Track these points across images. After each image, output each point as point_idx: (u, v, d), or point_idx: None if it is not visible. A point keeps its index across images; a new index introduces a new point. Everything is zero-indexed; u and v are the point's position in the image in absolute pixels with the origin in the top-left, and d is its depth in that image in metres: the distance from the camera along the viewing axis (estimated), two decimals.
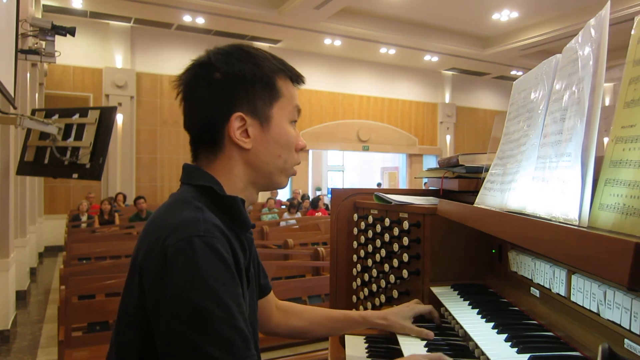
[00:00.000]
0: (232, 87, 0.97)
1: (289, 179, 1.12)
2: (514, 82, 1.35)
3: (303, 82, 1.08)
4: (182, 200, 0.93)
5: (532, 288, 1.18)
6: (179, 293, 0.80)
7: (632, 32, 0.79)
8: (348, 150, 15.83)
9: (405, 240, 1.53)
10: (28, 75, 7.18)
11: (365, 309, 1.77)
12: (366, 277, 1.76)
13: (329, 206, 2.69)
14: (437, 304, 1.37)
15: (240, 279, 0.89)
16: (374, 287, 1.70)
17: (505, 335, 1.01)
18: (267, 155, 1.01)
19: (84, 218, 8.98)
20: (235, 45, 1.03)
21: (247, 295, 0.97)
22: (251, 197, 1.05)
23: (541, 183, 0.98)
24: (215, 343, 0.78)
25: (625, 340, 0.80)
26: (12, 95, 3.81)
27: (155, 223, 0.92)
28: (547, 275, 1.07)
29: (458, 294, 1.37)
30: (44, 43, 5.18)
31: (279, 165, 1.03)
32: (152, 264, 0.85)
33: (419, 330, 1.25)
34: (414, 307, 1.34)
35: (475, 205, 1.27)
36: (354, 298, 1.84)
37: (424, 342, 1.20)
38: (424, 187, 2.11)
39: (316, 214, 10.11)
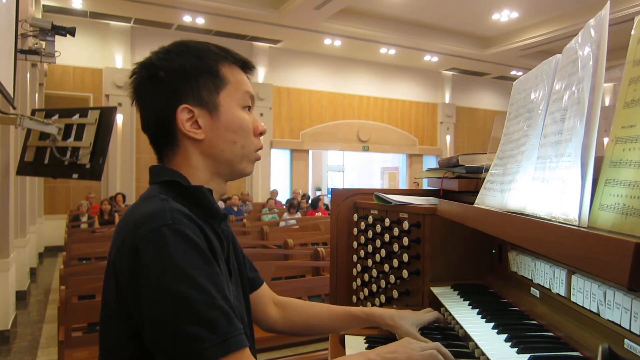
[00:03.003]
0: (175, 82, 0.99)
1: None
2: (514, 82, 1.35)
3: (252, 67, 1.09)
4: (149, 196, 0.94)
5: (532, 288, 1.18)
6: (155, 283, 0.81)
7: (632, 32, 0.79)
8: (348, 151, 15.82)
9: (405, 241, 1.53)
10: (28, 75, 7.18)
11: None
12: (366, 277, 1.76)
13: (329, 206, 2.69)
14: (437, 304, 1.36)
15: (218, 265, 0.90)
16: (374, 287, 1.70)
17: (505, 336, 1.01)
18: (222, 143, 1.01)
19: (84, 218, 8.98)
20: (175, 42, 1.06)
21: (232, 287, 0.98)
22: (219, 188, 1.06)
23: (541, 183, 0.98)
24: (198, 324, 0.80)
25: (625, 340, 0.80)
26: (12, 95, 3.81)
27: (124, 221, 0.93)
28: (547, 276, 1.07)
29: (458, 294, 1.37)
30: (44, 43, 5.18)
31: (236, 152, 1.03)
32: (125, 260, 0.86)
33: (424, 340, 1.20)
34: (423, 316, 1.30)
35: (475, 205, 1.27)
36: (354, 298, 1.84)
37: None
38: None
39: (316, 214, 10.11)
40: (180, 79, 0.99)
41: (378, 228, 1.68)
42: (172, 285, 0.81)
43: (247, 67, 1.08)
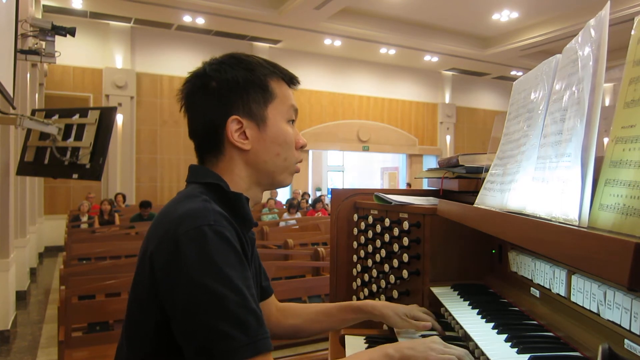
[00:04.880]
0: (227, 93, 1.04)
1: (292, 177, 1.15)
2: (514, 83, 1.35)
3: (297, 83, 1.13)
4: (191, 195, 0.98)
5: (532, 288, 1.18)
6: (193, 279, 0.84)
7: (632, 32, 0.79)
8: (348, 151, 15.82)
9: (405, 241, 1.53)
10: (28, 75, 7.18)
11: None
12: (366, 277, 1.76)
13: (328, 206, 2.69)
14: (437, 304, 1.36)
15: (249, 269, 0.93)
16: (374, 287, 1.70)
17: (505, 336, 1.01)
18: (266, 154, 1.06)
19: (84, 218, 8.98)
20: (228, 54, 1.09)
21: None
22: (255, 197, 1.10)
23: (541, 183, 0.98)
24: (231, 323, 0.83)
25: (625, 340, 0.80)
26: (12, 95, 3.81)
27: (164, 216, 0.96)
28: (547, 276, 1.07)
29: (458, 294, 1.37)
30: (44, 43, 5.17)
31: (279, 164, 1.08)
32: (164, 253, 0.89)
33: (416, 323, 1.26)
34: (412, 309, 1.31)
35: (475, 205, 1.27)
36: (354, 298, 1.84)
37: None
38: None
39: (316, 214, 10.11)
40: (232, 91, 1.03)
41: (378, 228, 1.68)
42: (210, 283, 0.84)
43: (293, 82, 1.12)
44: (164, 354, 0.92)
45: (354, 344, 1.36)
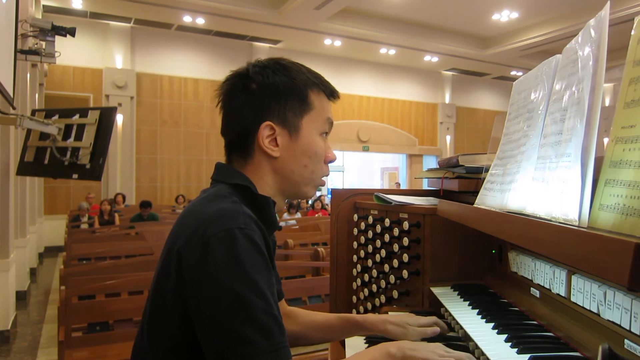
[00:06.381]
0: (265, 97, 1.03)
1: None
2: (514, 83, 1.35)
3: (337, 97, 1.13)
4: (220, 195, 0.97)
5: (532, 288, 1.18)
6: (221, 281, 0.84)
7: (632, 32, 0.79)
8: (348, 151, 15.82)
9: (405, 241, 1.53)
10: (28, 75, 7.18)
11: (365, 309, 1.77)
12: (366, 277, 1.76)
13: (328, 206, 2.68)
14: (437, 304, 1.36)
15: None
16: (374, 287, 1.70)
17: (505, 336, 1.01)
18: (294, 164, 1.05)
19: (84, 218, 8.98)
20: (273, 59, 1.09)
21: None
22: (279, 204, 1.09)
23: (541, 183, 0.98)
24: (255, 329, 0.83)
25: (625, 340, 0.80)
26: (12, 95, 3.81)
27: (193, 215, 0.95)
28: (547, 276, 1.07)
29: (458, 294, 1.37)
30: (44, 43, 5.18)
31: (305, 175, 1.07)
32: (192, 253, 0.88)
33: (421, 330, 1.23)
34: (417, 319, 1.27)
35: (475, 205, 1.27)
36: (354, 298, 1.84)
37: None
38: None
39: (316, 214, 10.11)
40: (270, 96, 1.03)
41: (378, 228, 1.68)
42: (237, 287, 0.84)
43: (334, 95, 1.13)
44: (185, 350, 0.92)
45: (354, 344, 1.36)
